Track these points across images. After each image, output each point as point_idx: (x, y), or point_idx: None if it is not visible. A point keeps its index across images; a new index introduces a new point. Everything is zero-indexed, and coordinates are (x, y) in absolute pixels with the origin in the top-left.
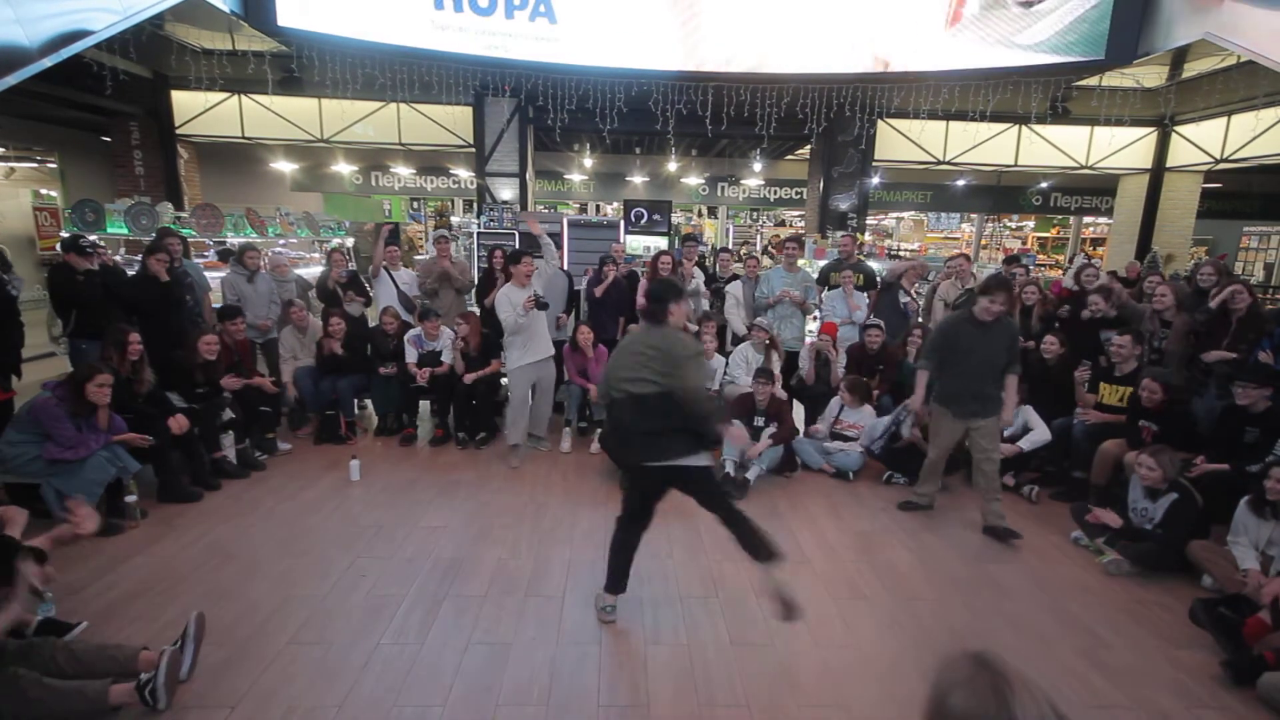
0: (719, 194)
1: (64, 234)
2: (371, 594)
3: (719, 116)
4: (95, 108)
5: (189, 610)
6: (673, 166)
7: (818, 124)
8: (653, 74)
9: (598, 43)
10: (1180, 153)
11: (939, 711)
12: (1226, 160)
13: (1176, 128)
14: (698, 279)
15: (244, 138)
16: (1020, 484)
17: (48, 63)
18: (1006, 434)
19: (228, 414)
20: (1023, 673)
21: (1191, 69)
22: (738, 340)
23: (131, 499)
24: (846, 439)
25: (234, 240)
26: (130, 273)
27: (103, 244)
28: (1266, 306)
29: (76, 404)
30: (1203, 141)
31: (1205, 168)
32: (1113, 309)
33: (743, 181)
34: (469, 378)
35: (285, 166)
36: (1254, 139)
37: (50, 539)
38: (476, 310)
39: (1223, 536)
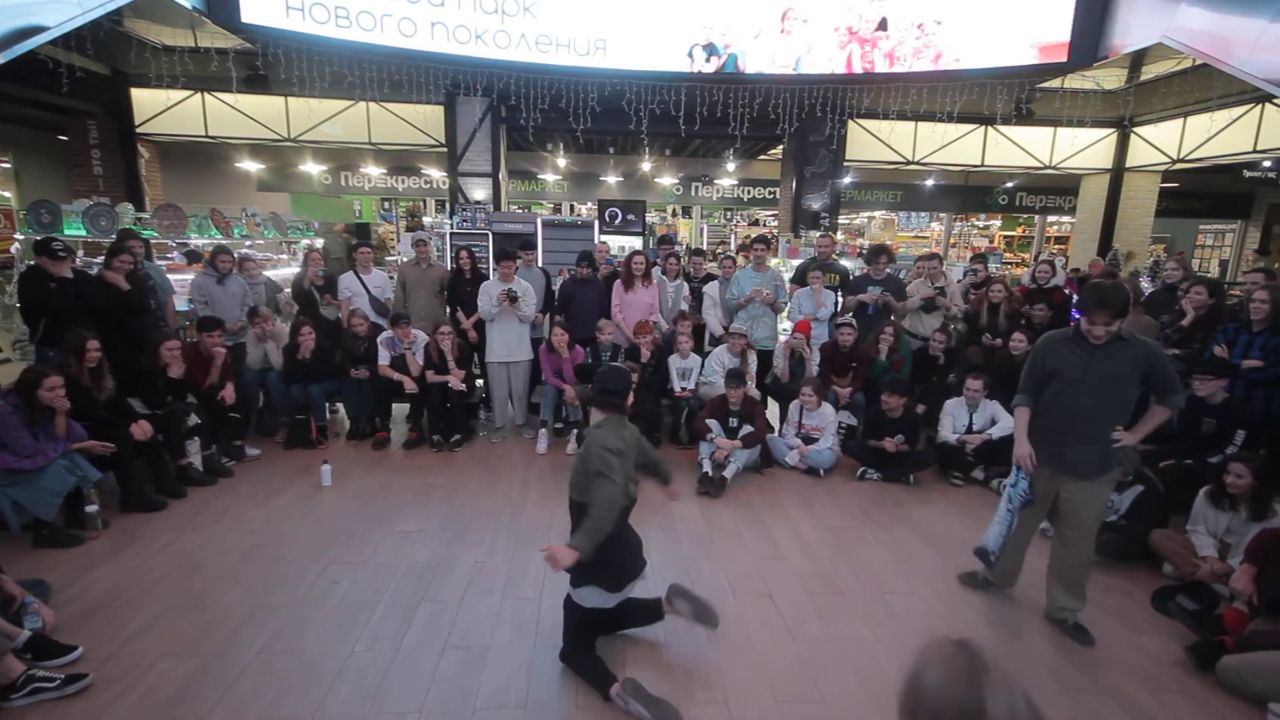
0: (693, 194)
1: (29, 236)
2: (345, 600)
3: (692, 116)
4: (51, 106)
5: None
6: (646, 166)
7: (789, 124)
8: (625, 74)
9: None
10: (1139, 153)
11: (914, 686)
12: (1183, 160)
13: (1135, 129)
14: (681, 285)
15: (208, 137)
16: (990, 477)
17: (0, 59)
18: (975, 426)
19: (193, 419)
20: (1004, 667)
21: (1149, 71)
22: (715, 340)
23: (92, 508)
24: (811, 440)
25: (198, 241)
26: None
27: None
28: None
29: (31, 411)
30: (1160, 142)
31: (1163, 168)
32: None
33: (716, 181)
34: (432, 378)
35: (251, 166)
36: (1208, 140)
37: None
38: (448, 319)
39: (1182, 525)
